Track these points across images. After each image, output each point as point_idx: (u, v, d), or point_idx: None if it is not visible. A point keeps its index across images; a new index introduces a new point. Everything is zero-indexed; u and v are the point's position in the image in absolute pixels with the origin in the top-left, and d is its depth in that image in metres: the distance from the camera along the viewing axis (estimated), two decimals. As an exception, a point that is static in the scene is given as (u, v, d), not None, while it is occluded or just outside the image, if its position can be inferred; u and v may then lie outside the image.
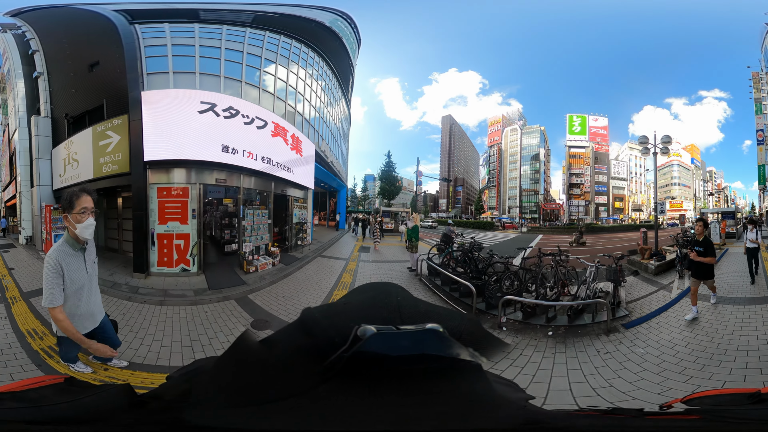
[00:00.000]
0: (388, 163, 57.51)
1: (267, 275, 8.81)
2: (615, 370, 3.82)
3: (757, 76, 38.47)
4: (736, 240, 19.45)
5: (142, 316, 5.48)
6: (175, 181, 8.49)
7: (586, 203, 77.29)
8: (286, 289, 7.73)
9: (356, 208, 69.51)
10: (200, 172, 8.84)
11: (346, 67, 24.40)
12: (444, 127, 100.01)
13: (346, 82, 25.41)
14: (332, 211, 29.86)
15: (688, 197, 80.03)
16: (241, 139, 9.38)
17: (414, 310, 0.94)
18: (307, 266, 10.70)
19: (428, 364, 0.74)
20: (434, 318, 0.84)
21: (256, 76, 12.03)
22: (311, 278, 9.06)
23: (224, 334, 4.92)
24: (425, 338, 0.77)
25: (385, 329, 0.75)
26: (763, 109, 38.15)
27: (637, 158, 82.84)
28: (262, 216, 11.27)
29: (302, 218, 14.43)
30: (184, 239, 8.32)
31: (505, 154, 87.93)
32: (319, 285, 8.30)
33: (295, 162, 12.37)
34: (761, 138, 39.05)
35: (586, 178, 77.71)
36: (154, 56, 9.66)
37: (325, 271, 10.14)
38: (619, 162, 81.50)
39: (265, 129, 10.41)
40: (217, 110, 8.89)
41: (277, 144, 11.00)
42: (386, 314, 0.91)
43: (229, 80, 10.82)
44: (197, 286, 7.48)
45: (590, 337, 4.72)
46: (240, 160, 9.33)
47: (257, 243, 10.58)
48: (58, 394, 0.97)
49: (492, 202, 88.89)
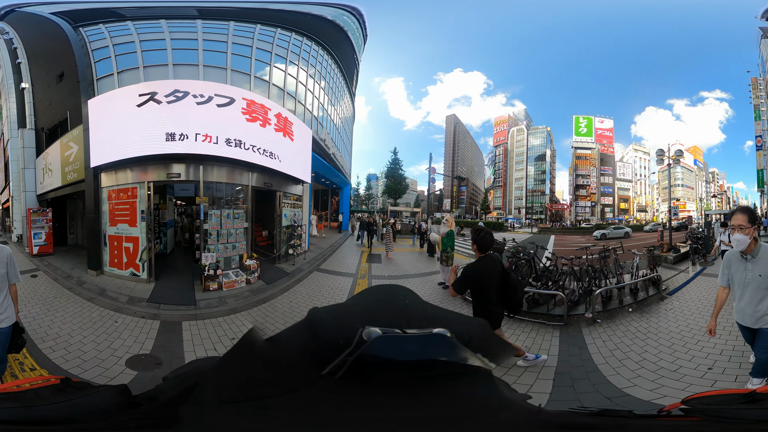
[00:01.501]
0: (395, 161, 55.99)
1: (233, 297, 7.09)
2: (680, 310, 6.13)
3: (756, 82, 38.10)
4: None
5: (67, 308, 6.28)
6: (122, 183, 8.39)
7: (593, 204, 76.84)
8: (248, 324, 5.76)
9: (359, 208, 67.50)
10: (147, 170, 8.21)
11: (350, 61, 23.11)
12: (448, 127, 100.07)
13: (351, 75, 24.11)
14: (334, 211, 27.69)
15: (692, 198, 78.90)
16: (192, 122, 7.83)
17: (421, 314, 0.94)
18: (296, 287, 8.36)
19: (434, 368, 0.74)
20: (442, 322, 0.84)
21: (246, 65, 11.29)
22: (298, 308, 6.69)
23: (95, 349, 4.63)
24: (432, 343, 0.77)
25: (391, 332, 0.75)
26: (761, 115, 37.81)
27: (642, 160, 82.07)
28: (235, 218, 8.90)
29: (296, 220, 11.83)
30: (133, 242, 8.12)
31: (511, 154, 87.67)
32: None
33: (283, 147, 9.93)
34: (760, 144, 38.72)
35: (592, 180, 77.24)
36: (104, 58, 9.42)
37: (322, 296, 7.78)
38: (624, 164, 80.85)
39: (231, 107, 8.44)
40: (158, 98, 7.80)
41: (253, 125, 8.90)
42: (393, 317, 0.90)
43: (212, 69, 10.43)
44: (138, 293, 7.11)
45: (656, 304, 6.58)
46: (191, 146, 7.74)
47: (228, 253, 8.63)
48: (53, 395, 0.97)
49: (498, 202, 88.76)
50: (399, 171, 56.04)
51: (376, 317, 0.90)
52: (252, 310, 6.65)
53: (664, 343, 4.57)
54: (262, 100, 9.48)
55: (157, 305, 6.36)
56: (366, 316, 0.90)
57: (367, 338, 0.72)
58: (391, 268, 10.93)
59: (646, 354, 4.31)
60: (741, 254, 3.39)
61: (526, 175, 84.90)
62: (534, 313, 6.02)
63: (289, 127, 10.38)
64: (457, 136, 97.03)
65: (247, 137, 8.62)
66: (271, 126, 9.48)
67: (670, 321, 5.53)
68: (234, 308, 6.53)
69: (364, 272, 10.24)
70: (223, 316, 6.16)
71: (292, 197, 11.93)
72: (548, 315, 5.99)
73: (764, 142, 38.13)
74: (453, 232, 8.54)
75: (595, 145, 77.69)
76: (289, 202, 11.66)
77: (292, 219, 11.58)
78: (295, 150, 10.78)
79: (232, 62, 11.04)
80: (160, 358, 4.47)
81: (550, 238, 28.60)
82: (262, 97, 9.79)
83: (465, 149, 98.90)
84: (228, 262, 8.58)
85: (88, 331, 5.19)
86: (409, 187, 79.14)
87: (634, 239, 28.37)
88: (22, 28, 13.32)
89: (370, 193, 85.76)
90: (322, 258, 11.90)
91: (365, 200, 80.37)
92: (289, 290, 8.01)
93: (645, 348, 4.48)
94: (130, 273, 8.17)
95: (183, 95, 7.91)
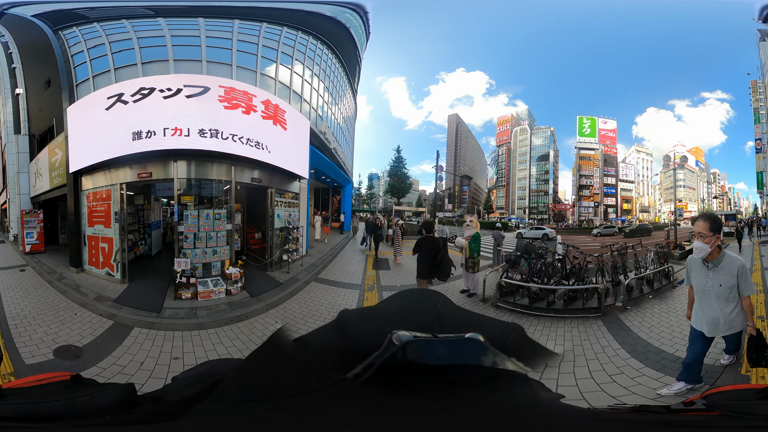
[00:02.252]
0: (398, 159, 54.15)
1: (206, 310, 6.48)
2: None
3: (755, 85, 37.97)
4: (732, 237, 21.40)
5: (41, 297, 7.02)
6: (98, 186, 8.71)
7: (596, 204, 76.65)
8: (209, 352, 5.01)
9: (361, 207, 67.61)
10: (117, 172, 8.26)
11: (350, 54, 22.25)
12: (450, 126, 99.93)
13: (353, 70, 23.09)
14: (336, 210, 26.58)
15: (693, 199, 78.55)
16: (160, 117, 7.48)
17: (454, 319, 0.93)
18: (288, 302, 7.27)
19: (467, 373, 0.73)
20: (475, 327, 0.83)
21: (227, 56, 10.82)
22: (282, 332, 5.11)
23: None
24: (464, 347, 0.76)
25: (422, 337, 0.74)
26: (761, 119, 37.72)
27: (644, 161, 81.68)
28: (215, 219, 8.03)
29: (291, 221, 10.55)
30: (108, 243, 8.38)
31: (514, 153, 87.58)
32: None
33: (274, 137, 8.96)
34: (759, 147, 38.63)
35: (595, 180, 77.10)
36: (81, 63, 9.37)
37: (320, 315, 6.61)
38: (627, 165, 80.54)
39: (206, 96, 7.79)
40: (125, 98, 7.67)
41: (233, 112, 8.11)
42: (425, 321, 0.89)
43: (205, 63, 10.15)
44: (107, 292, 7.27)
45: (670, 291, 7.77)
46: (159, 142, 7.38)
47: (207, 259, 7.89)
48: (61, 391, 0.97)
49: (500, 202, 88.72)
50: (402, 169, 54.63)
51: (407, 320, 0.89)
52: (225, 328, 5.81)
53: (683, 320, 5.31)
54: (246, 87, 8.59)
55: (120, 306, 6.45)
56: (397, 320, 0.90)
57: (397, 342, 0.72)
58: (403, 276, 9.74)
59: (673, 328, 5.41)
60: (703, 261, 3.31)
61: (529, 175, 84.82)
62: (572, 309, 6.58)
63: (281, 115, 9.26)
64: (459, 136, 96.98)
65: (226, 126, 7.82)
66: (257, 113, 8.51)
67: (684, 303, 6.54)
68: (201, 323, 5.91)
69: (372, 282, 9.03)
70: (185, 331, 5.67)
71: (286, 195, 10.73)
72: (584, 309, 6.60)
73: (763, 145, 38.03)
74: (479, 235, 7.86)
75: (599, 145, 77.53)
76: (283, 200, 10.44)
77: (286, 220, 10.38)
78: (289, 141, 9.69)
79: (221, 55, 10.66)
80: (82, 351, 4.76)
81: (557, 238, 28.52)
82: (245, 84, 8.90)
83: (467, 149, 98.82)
84: (208, 268, 7.88)
85: (48, 318, 5.89)
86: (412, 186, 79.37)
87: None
88: (15, 31, 13.16)
89: (372, 192, 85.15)
90: (321, 264, 10.66)
91: (367, 199, 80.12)
92: (277, 306, 6.85)
93: (671, 324, 5.58)
94: (106, 272, 8.54)
95: (149, 92, 7.68)
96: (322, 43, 17.10)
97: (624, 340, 5.12)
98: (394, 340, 0.72)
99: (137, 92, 7.65)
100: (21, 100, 13.39)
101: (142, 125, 7.43)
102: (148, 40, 9.99)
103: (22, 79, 13.47)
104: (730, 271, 3.22)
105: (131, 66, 9.55)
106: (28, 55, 12.77)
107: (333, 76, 19.27)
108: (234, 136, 7.91)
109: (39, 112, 12.25)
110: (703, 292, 3.36)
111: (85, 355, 4.64)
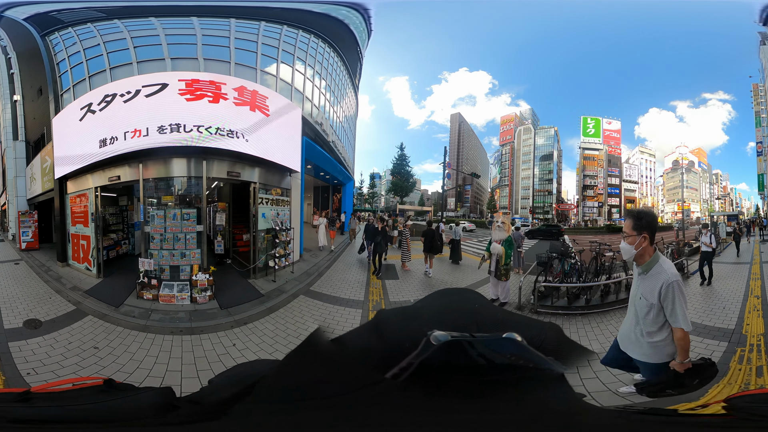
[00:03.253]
0: (401, 156, 52.89)
1: (162, 314, 6.21)
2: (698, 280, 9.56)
3: (756, 88, 37.97)
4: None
5: (27, 284, 8.56)
6: (79, 189, 9.51)
7: (600, 205, 76.39)
8: (133, 354, 4.84)
9: (362, 207, 66.38)
10: (93, 176, 8.81)
11: (350, 50, 21.21)
12: (453, 125, 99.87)
13: (354, 66, 22.15)
14: (336, 210, 24.66)
15: (695, 200, 78.02)
16: (121, 121, 7.48)
17: (492, 319, 0.96)
18: (264, 320, 6.12)
19: (505, 373, 0.75)
20: (513, 327, 0.84)
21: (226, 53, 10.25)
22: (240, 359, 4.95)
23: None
24: (502, 347, 0.77)
25: (459, 336, 0.75)
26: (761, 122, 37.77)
27: (648, 162, 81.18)
28: (184, 219, 7.47)
29: (279, 221, 9.33)
30: (86, 241, 9.24)
31: (518, 153, 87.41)
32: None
33: (253, 124, 8.15)
34: (761, 150, 38.70)
35: (600, 180, 76.85)
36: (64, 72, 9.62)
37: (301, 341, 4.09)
38: (631, 165, 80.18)
39: (164, 92, 7.52)
40: (93, 108, 7.94)
41: (197, 104, 7.64)
42: (463, 321, 0.92)
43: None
44: (83, 284, 8.10)
45: (684, 280, 8.84)
46: (121, 146, 7.40)
47: (175, 261, 7.47)
48: (95, 395, 0.98)
49: (504, 202, 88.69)
50: (406, 167, 53.33)
51: (444, 320, 0.89)
52: (169, 337, 5.44)
53: (699, 300, 7.77)
54: (212, 76, 8.16)
55: (87, 297, 7.20)
56: (434, 320, 0.89)
57: (434, 342, 0.72)
58: (415, 286, 8.44)
59: (694, 306, 6.92)
60: (636, 265, 2.85)
61: (533, 174, 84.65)
62: (609, 303, 7.16)
63: (261, 101, 8.50)
64: (462, 135, 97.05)
65: (189, 118, 7.38)
66: (228, 101, 7.91)
67: (696, 287, 8.92)
68: (148, 326, 5.61)
69: (378, 297, 7.49)
70: (131, 329, 5.71)
71: (273, 191, 9.46)
72: (618, 301, 7.17)
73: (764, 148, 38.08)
74: (512, 238, 6.97)
75: (603, 146, 77.28)
76: (269, 197, 9.28)
77: (272, 220, 9.25)
78: (273, 128, 8.69)
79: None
80: (41, 324, 5.93)
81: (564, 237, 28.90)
82: (212, 74, 8.51)
83: (469, 148, 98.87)
84: (176, 271, 7.45)
85: (29, 300, 7.26)
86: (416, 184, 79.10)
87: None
88: (12, 34, 12.91)
89: (374, 191, 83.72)
90: (316, 272, 9.32)
91: (369, 199, 79.15)
92: (246, 324, 5.81)
93: (692, 304, 6.96)
94: (85, 267, 9.47)
95: (112, 98, 7.78)
96: (323, 41, 16.30)
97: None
98: (431, 341, 0.73)
99: (102, 100, 7.87)
100: (18, 107, 14.23)
101: (107, 132, 7.63)
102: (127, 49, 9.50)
103: (20, 86, 14.23)
104: (652, 286, 2.64)
105: (101, 73, 9.49)
106: (24, 60, 13.13)
107: (333, 71, 18.24)
108: (199, 127, 7.39)
109: (33, 120, 13.04)
110: (630, 300, 2.94)
111: (43, 327, 5.72)
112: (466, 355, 0.74)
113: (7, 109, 14.99)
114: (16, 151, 14.40)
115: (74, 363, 4.46)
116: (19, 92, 14.23)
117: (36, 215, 13.18)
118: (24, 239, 12.93)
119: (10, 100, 14.82)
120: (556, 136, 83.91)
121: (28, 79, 13.37)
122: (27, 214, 13.14)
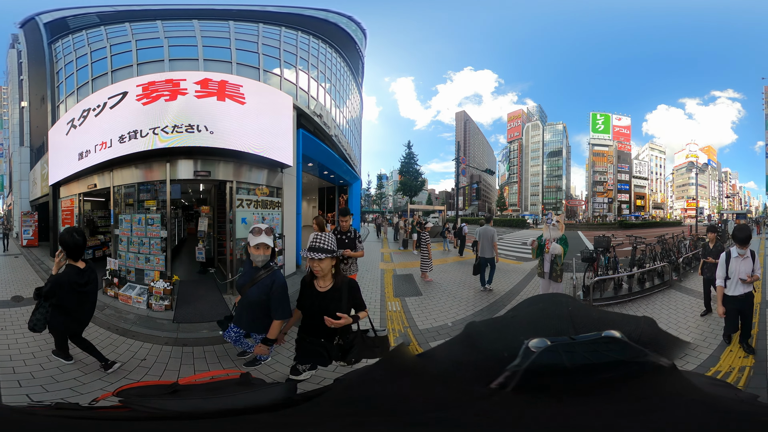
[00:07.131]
0: (409, 155, 53.02)
1: (113, 311, 6.12)
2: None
3: (768, 91, 37.67)
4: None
5: (23, 272, 9.88)
6: (68, 195, 10.39)
7: (609, 200, 75.61)
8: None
9: (370, 208, 65.60)
10: (78, 184, 9.48)
11: (352, 52, 20.65)
12: (458, 124, 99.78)
13: (356, 65, 21.47)
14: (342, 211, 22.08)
15: (705, 197, 76.45)
16: (94, 135, 7.64)
17: (587, 319, 0.94)
18: (217, 346, 4.65)
19: (612, 371, 0.72)
20: (609, 324, 0.84)
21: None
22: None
23: None
24: (605, 345, 0.76)
25: (559, 341, 0.75)
26: (772, 124, 37.48)
27: (657, 158, 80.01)
28: (148, 224, 7.31)
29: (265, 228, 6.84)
30: None
31: (526, 150, 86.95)
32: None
33: (220, 115, 7.23)
34: (769, 151, 38.35)
35: (609, 176, 76.03)
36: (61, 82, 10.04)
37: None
38: (641, 161, 79.02)
39: (125, 101, 7.36)
40: (75, 123, 8.30)
41: (152, 106, 7.15)
42: (558, 325, 0.90)
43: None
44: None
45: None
46: (93, 159, 7.60)
47: (141, 265, 7.29)
48: (232, 387, 1.07)
49: (513, 199, 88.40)
50: (414, 166, 52.70)
51: (539, 327, 0.89)
52: (108, 333, 5.04)
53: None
54: (169, 75, 7.49)
55: None
56: (528, 327, 0.90)
57: (534, 349, 0.73)
58: (442, 303, 6.75)
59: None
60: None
61: (542, 171, 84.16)
62: (649, 288, 7.91)
63: (233, 90, 7.48)
64: (468, 133, 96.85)
65: (145, 121, 7.00)
66: (187, 95, 7.19)
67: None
68: (95, 317, 4.63)
69: (399, 324, 5.57)
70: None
71: (258, 190, 7.96)
72: (655, 286, 8.06)
73: (774, 149, 37.70)
74: (566, 238, 6.14)
75: (613, 142, 76.38)
76: (251, 198, 7.79)
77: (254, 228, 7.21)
78: (254, 118, 7.61)
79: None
80: (22, 299, 6.73)
81: (578, 233, 29.14)
82: (169, 72, 7.92)
83: (476, 146, 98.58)
84: (141, 274, 7.21)
85: (19, 284, 8.33)
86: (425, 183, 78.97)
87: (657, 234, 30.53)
88: (29, 40, 12.81)
89: (382, 192, 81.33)
90: None
91: (377, 200, 77.57)
92: (186, 346, 4.67)
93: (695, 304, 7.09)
94: None
95: (87, 113, 7.93)
96: (323, 42, 15.46)
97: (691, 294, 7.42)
98: (531, 348, 0.73)
99: (81, 116, 8.12)
100: (25, 113, 15.32)
101: (83, 146, 7.91)
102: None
103: (27, 92, 14.42)
104: None
105: (84, 85, 9.81)
106: (33, 67, 13.22)
107: (332, 65, 16.79)
108: (155, 129, 6.89)
109: (36, 128, 14.07)
110: None
111: (23, 302, 6.70)
112: (571, 358, 0.75)
113: (15, 114, 16.19)
114: (21, 157, 15.19)
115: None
116: (27, 99, 14.43)
117: (36, 216, 13.95)
118: (25, 237, 13.93)
119: (19, 106, 15.97)
120: (564, 131, 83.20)
121: (34, 87, 13.94)
122: (28, 215, 13.97)
